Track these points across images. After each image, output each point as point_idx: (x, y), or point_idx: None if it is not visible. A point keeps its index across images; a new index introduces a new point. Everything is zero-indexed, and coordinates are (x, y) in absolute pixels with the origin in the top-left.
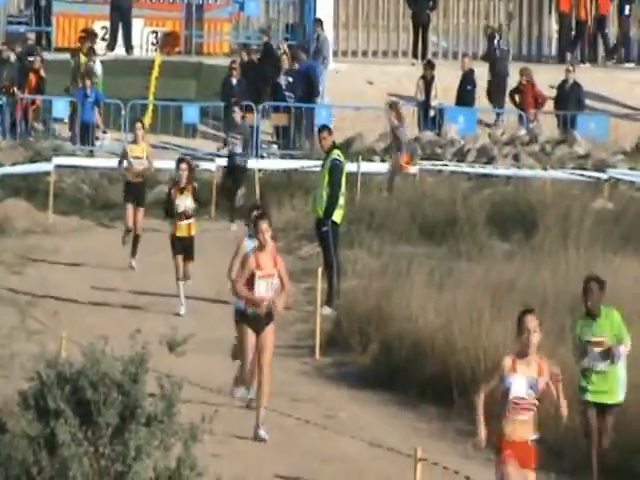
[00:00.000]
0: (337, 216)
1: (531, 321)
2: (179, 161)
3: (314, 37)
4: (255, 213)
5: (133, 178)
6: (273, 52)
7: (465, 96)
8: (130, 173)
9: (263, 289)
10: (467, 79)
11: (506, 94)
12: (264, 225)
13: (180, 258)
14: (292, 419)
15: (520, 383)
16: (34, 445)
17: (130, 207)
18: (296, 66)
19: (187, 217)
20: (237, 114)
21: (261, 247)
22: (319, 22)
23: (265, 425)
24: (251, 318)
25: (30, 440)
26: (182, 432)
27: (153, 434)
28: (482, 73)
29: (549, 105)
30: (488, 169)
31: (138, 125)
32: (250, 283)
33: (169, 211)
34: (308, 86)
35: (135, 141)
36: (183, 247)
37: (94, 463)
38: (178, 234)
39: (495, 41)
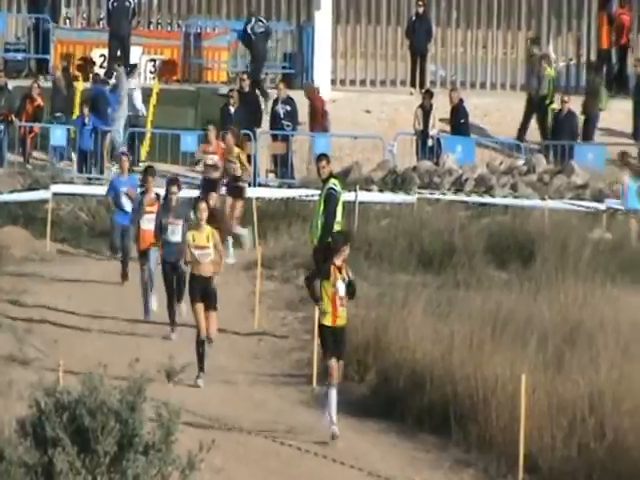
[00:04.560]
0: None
1: None
2: (341, 239)
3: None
4: None
5: (200, 272)
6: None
7: (459, 127)
8: (195, 267)
9: None
10: (457, 111)
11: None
12: None
13: (335, 356)
14: (289, 448)
15: None
16: (31, 473)
17: (200, 308)
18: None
19: (343, 304)
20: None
21: None
22: (118, 61)
23: None
24: None
25: (28, 468)
26: (180, 461)
27: (151, 463)
28: (479, 103)
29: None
30: (486, 198)
31: (202, 206)
32: None
33: (315, 295)
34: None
35: (198, 226)
36: (336, 340)
37: None
38: (337, 323)
39: (250, 25)
